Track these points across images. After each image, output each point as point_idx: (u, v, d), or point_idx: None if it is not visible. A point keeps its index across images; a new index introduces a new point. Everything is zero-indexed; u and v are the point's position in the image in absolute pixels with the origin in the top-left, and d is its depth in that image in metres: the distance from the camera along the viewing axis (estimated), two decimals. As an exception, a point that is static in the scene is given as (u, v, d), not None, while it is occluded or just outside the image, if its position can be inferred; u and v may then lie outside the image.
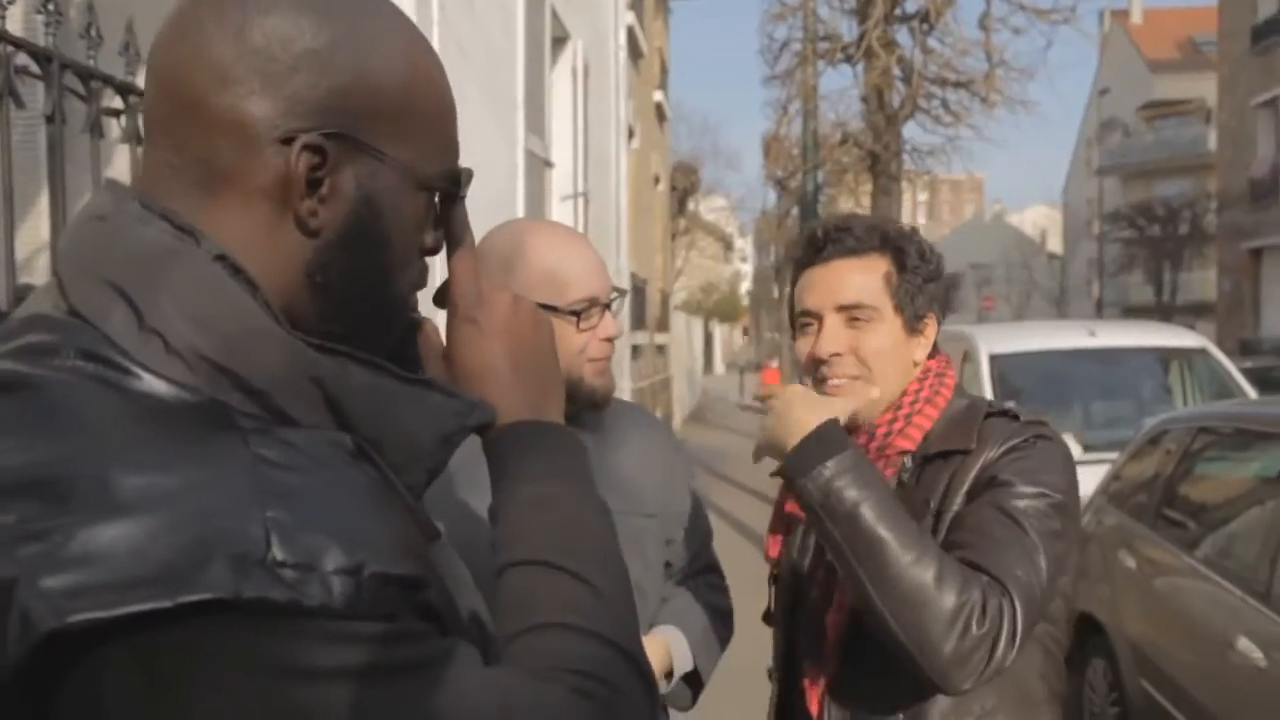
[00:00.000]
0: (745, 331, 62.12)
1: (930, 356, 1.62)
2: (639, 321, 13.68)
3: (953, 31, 6.38)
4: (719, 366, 53.73)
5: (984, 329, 8.49)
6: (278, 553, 0.60)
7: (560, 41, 7.77)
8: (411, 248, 0.81)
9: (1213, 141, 31.16)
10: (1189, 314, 30.24)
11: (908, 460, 1.55)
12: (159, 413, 0.66)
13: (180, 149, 0.73)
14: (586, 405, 1.64)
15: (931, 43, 6.45)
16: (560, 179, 7.61)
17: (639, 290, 13.78)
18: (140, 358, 0.68)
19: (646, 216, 16.57)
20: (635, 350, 12.83)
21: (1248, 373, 8.57)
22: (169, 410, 0.66)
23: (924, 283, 1.58)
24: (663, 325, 19.39)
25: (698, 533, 1.89)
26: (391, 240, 0.78)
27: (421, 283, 0.83)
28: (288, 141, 0.72)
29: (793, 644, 1.69)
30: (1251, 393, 6.55)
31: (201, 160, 0.73)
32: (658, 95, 19.50)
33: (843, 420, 1.46)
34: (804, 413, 1.45)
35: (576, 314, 1.59)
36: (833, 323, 1.57)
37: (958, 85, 6.55)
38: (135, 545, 0.59)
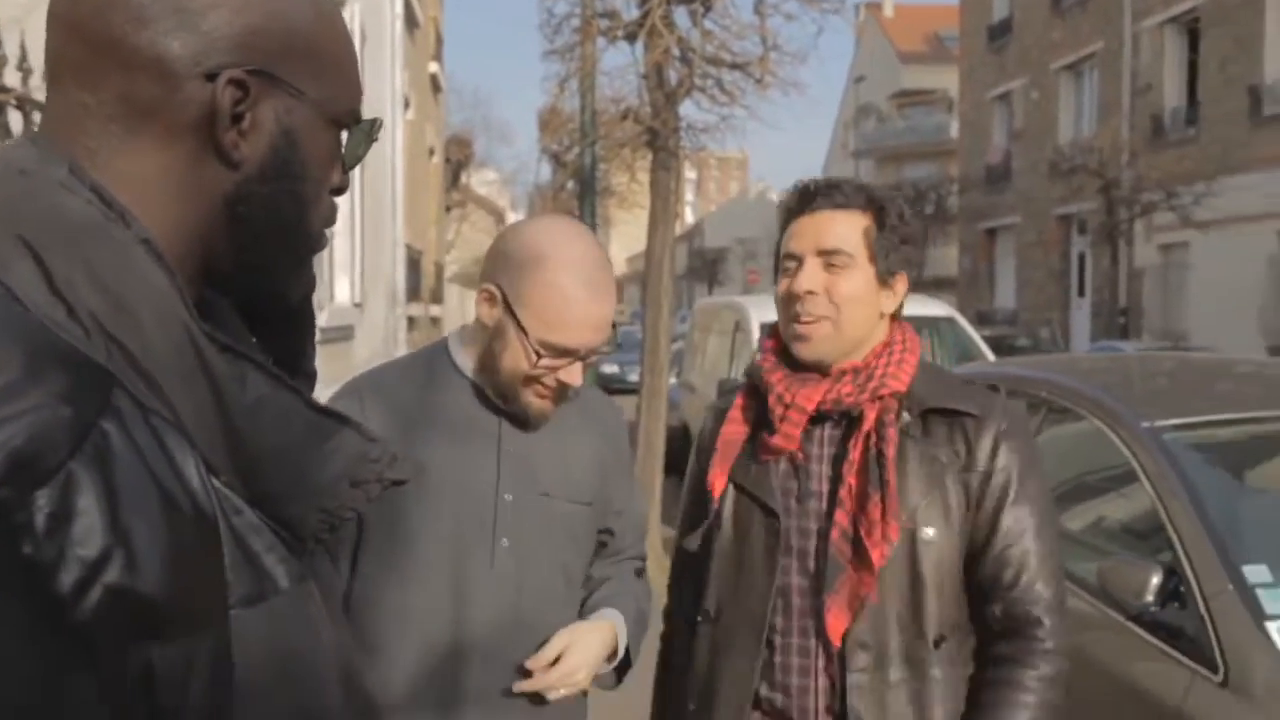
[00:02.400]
0: (520, 307, 61.72)
1: (895, 317, 1.76)
2: (414, 293, 13.46)
3: (730, 15, 6.62)
4: (494, 342, 53.26)
5: (754, 299, 8.91)
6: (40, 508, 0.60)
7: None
8: (324, 183, 0.83)
9: (955, 129, 33.53)
10: (933, 288, 32.42)
11: (905, 413, 1.69)
12: (41, 349, 0.65)
13: (96, 88, 0.73)
14: (516, 418, 1.63)
15: (709, 25, 6.66)
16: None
17: (414, 262, 13.55)
18: (40, 315, 0.67)
19: (421, 188, 16.28)
20: (410, 322, 12.63)
21: (985, 340, 9.40)
22: (52, 351, 0.65)
23: (900, 242, 1.72)
24: (437, 297, 19.12)
25: (633, 522, 1.87)
26: (307, 173, 0.80)
27: (331, 220, 0.85)
28: (211, 77, 0.73)
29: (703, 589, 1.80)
30: (990, 356, 7.18)
31: (120, 98, 0.73)
32: (433, 66, 19.14)
33: None
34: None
35: (538, 354, 1.56)
36: (812, 265, 1.70)
37: (733, 66, 6.79)
38: None
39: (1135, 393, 3.52)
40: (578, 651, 1.61)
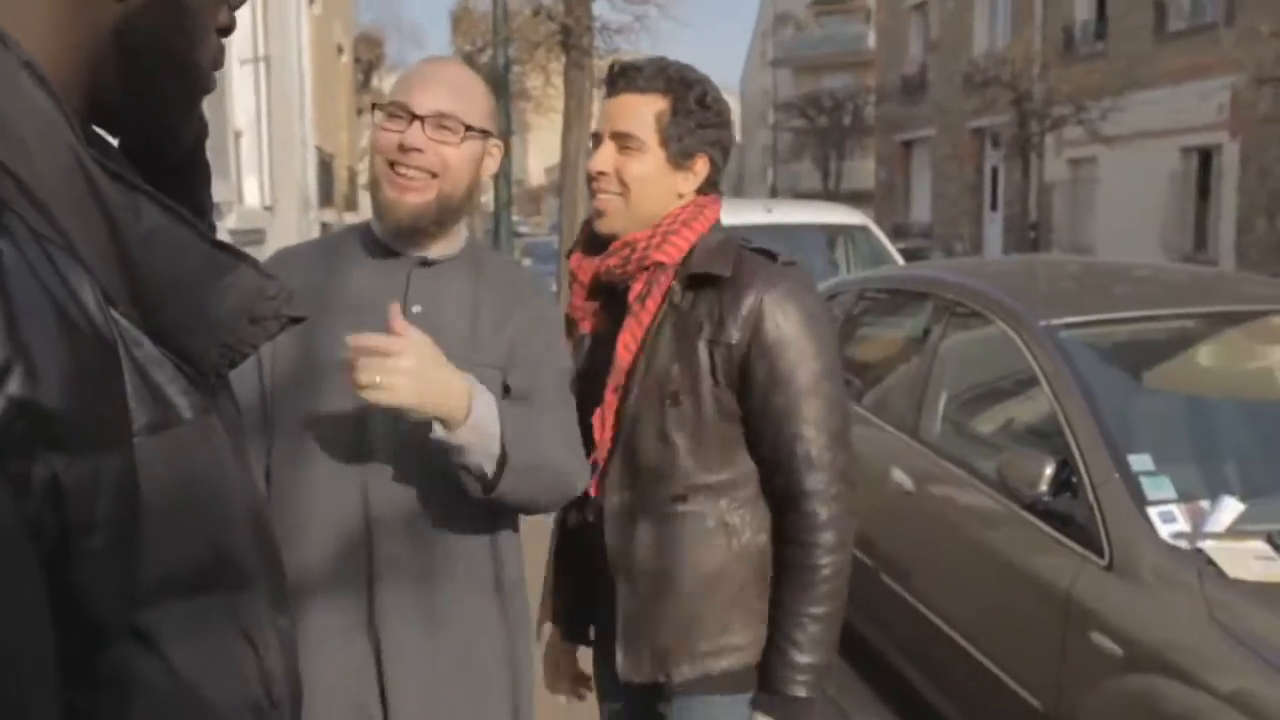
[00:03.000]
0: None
1: (704, 195, 1.83)
2: (326, 199, 13.13)
3: (642, -93, 6.48)
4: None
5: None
6: None
7: (232, -113, 7.16)
8: (210, 18, 0.81)
9: (872, 40, 33.47)
10: (851, 200, 32.62)
11: (676, 284, 1.76)
12: None
13: None
14: (389, 227, 1.64)
15: (622, -83, 6.52)
16: (239, 41, 7.10)
17: (325, 165, 13.18)
18: None
19: (331, 89, 15.77)
20: (324, 228, 12.35)
21: (902, 253, 9.50)
22: None
23: (698, 126, 1.77)
24: (351, 204, 18.70)
25: (549, 379, 1.71)
26: (193, 6, 0.79)
27: (220, 63, 0.84)
28: None
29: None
30: (902, 264, 7.28)
31: None
32: (339, -41, 18.40)
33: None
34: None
35: (382, 109, 1.62)
36: (606, 147, 1.80)
37: (647, -38, 6.68)
38: None
39: (1034, 293, 3.60)
40: (418, 350, 1.45)
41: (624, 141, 1.77)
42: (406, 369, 1.42)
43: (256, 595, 0.80)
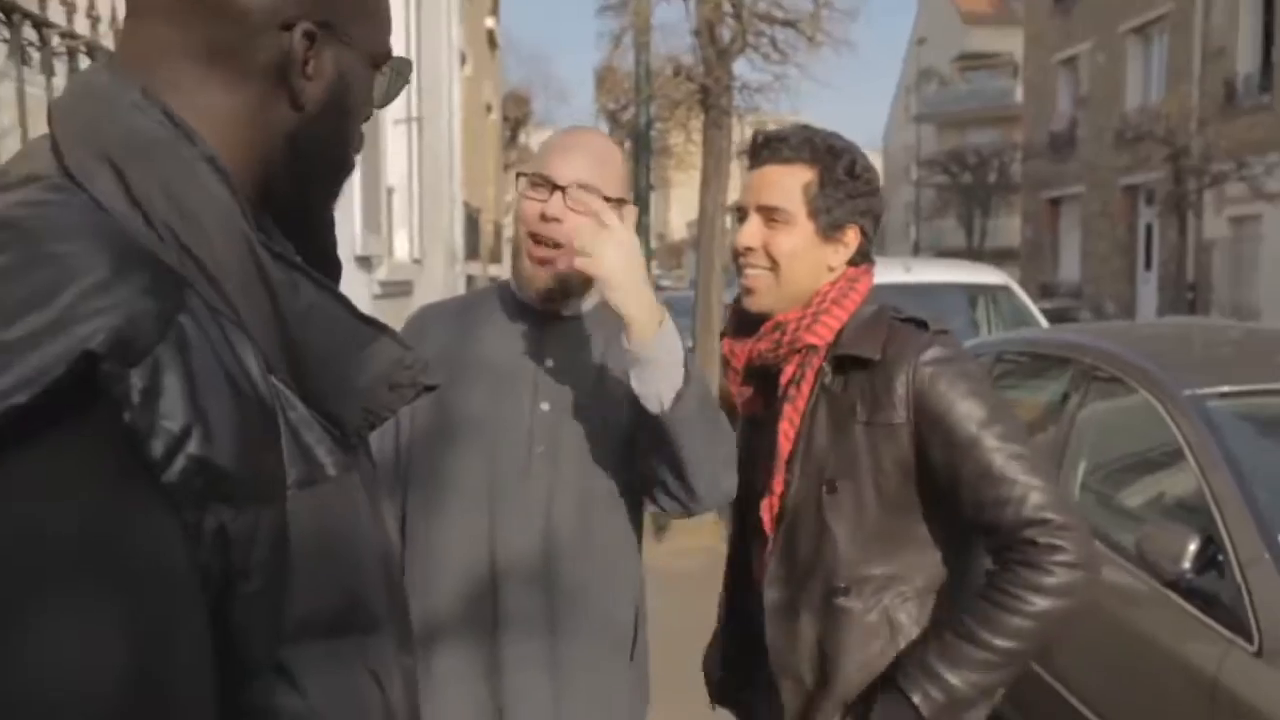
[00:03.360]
0: (575, 267, 61.97)
1: (855, 265, 1.76)
2: (472, 252, 13.55)
3: (780, -30, 6.58)
4: (549, 302, 53.51)
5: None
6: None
7: (393, -40, 7.55)
8: (362, 116, 0.92)
9: (1020, 94, 32.82)
10: (996, 258, 31.87)
11: (826, 366, 1.70)
12: (126, 251, 0.72)
13: (183, 29, 0.81)
14: (529, 294, 1.69)
15: (761, -21, 6.63)
16: (394, 103, 7.46)
17: (472, 220, 13.63)
18: (123, 223, 0.74)
19: (479, 146, 16.34)
20: (470, 280, 12.74)
21: (1047, 313, 9.21)
22: (135, 253, 0.73)
23: (847, 197, 1.71)
24: (495, 257, 19.23)
25: None
26: (353, 111, 0.90)
27: (361, 147, 0.94)
28: (286, 27, 0.82)
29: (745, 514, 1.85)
30: (1045, 325, 7.07)
31: (204, 39, 0.81)
32: (490, 22, 19.12)
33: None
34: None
35: (526, 178, 1.67)
36: (753, 220, 1.74)
37: (785, 23, 6.74)
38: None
39: (1182, 360, 3.47)
40: (628, 239, 1.51)
41: (771, 215, 1.72)
42: (620, 242, 1.49)
43: (384, 637, 0.87)
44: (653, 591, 1.86)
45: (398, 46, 7.46)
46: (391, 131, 7.32)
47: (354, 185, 5.59)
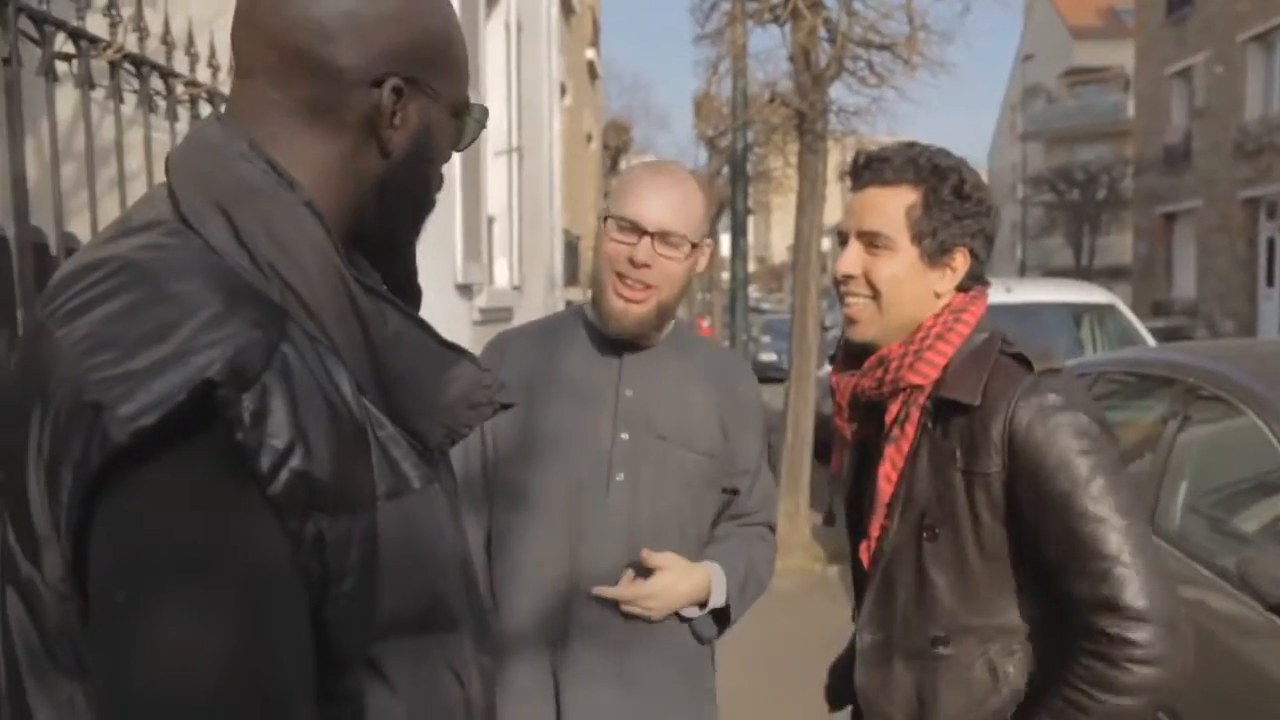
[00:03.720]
0: (676, 292, 62.11)
1: (966, 290, 1.66)
2: (572, 278, 13.76)
3: (877, -6, 6.58)
4: (650, 326, 53.76)
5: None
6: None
7: (493, -3, 7.80)
8: (443, 161, 1.01)
9: (1130, 108, 31.94)
10: (1107, 276, 31.05)
11: (930, 405, 1.61)
12: (235, 289, 0.82)
13: (285, 88, 0.91)
14: (613, 330, 1.74)
15: (856, 5, 6.62)
16: (494, 134, 7.66)
17: (572, 247, 13.85)
18: (231, 262, 0.85)
19: (580, 174, 16.61)
20: (568, 305, 12.90)
21: (1159, 332, 8.95)
22: (243, 290, 0.83)
23: (955, 218, 1.61)
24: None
25: (763, 488, 1.93)
26: (436, 157, 0.99)
27: (441, 186, 1.03)
28: (375, 83, 0.91)
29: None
30: (1153, 345, 6.89)
31: (303, 97, 0.91)
32: (590, 53, 19.45)
33: None
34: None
35: (611, 218, 1.74)
36: (854, 246, 1.66)
37: (881, 47, 6.72)
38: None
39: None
40: (661, 581, 1.70)
41: (872, 240, 1.63)
42: (655, 603, 1.71)
43: (463, 636, 0.96)
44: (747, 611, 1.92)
45: (498, 80, 7.61)
46: (492, 162, 7.52)
47: (455, 215, 5.77)
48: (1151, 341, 7.06)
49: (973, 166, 1.69)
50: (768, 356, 18.97)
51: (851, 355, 1.73)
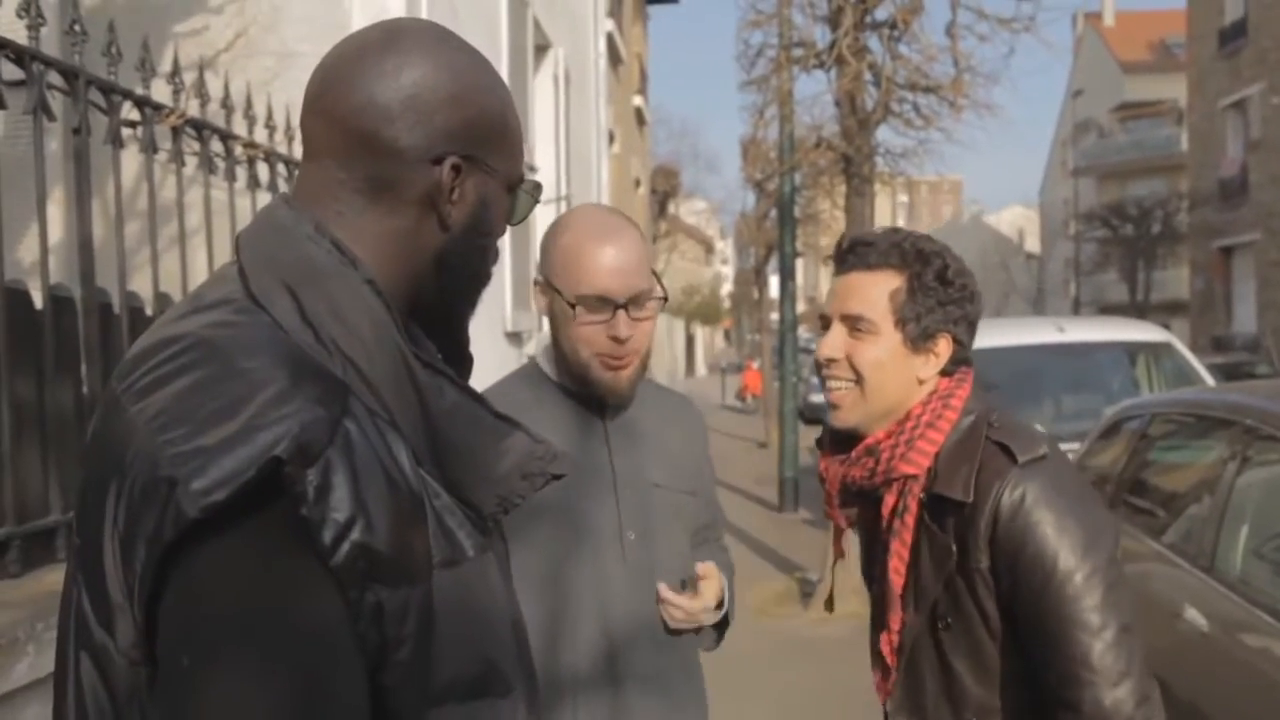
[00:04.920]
0: (726, 334, 62.27)
1: (950, 375, 1.66)
2: (621, 323, 13.83)
3: (921, 38, 6.59)
4: (700, 368, 53.86)
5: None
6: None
7: (542, 49, 7.92)
8: (499, 234, 1.05)
9: (1184, 142, 31.55)
10: (1163, 312, 30.59)
11: (925, 497, 1.60)
12: (300, 365, 0.86)
13: (350, 168, 0.95)
14: (599, 398, 1.74)
15: (901, 49, 6.65)
16: (543, 183, 7.78)
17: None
18: (297, 339, 0.89)
19: (627, 220, 16.73)
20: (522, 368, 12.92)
21: (1219, 368, 8.72)
22: (308, 366, 0.86)
23: (938, 304, 1.61)
24: (644, 327, 19.46)
25: (716, 510, 2.02)
26: (492, 230, 1.03)
27: (496, 259, 1.08)
28: (436, 161, 0.95)
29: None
30: (1211, 383, 6.77)
31: (367, 176, 0.95)
32: (637, 100, 19.69)
33: None
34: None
35: (572, 306, 1.67)
36: (836, 330, 1.66)
37: (927, 90, 6.74)
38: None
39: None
40: (711, 589, 1.75)
41: (855, 324, 1.63)
42: (708, 616, 1.77)
43: (516, 701, 0.97)
44: (798, 658, 1.96)
45: (547, 131, 7.73)
46: (541, 211, 7.63)
47: (505, 265, 5.86)
48: (1210, 380, 6.93)
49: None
50: (818, 398, 18.84)
51: (838, 441, 1.73)
